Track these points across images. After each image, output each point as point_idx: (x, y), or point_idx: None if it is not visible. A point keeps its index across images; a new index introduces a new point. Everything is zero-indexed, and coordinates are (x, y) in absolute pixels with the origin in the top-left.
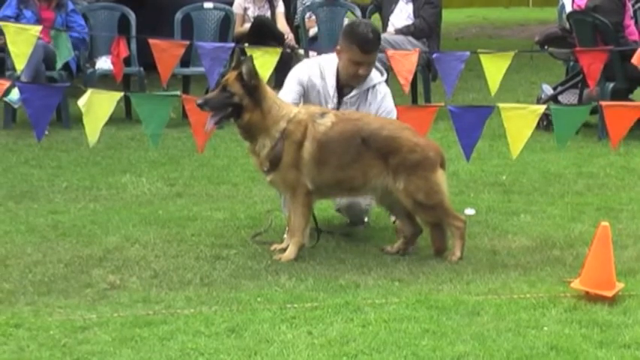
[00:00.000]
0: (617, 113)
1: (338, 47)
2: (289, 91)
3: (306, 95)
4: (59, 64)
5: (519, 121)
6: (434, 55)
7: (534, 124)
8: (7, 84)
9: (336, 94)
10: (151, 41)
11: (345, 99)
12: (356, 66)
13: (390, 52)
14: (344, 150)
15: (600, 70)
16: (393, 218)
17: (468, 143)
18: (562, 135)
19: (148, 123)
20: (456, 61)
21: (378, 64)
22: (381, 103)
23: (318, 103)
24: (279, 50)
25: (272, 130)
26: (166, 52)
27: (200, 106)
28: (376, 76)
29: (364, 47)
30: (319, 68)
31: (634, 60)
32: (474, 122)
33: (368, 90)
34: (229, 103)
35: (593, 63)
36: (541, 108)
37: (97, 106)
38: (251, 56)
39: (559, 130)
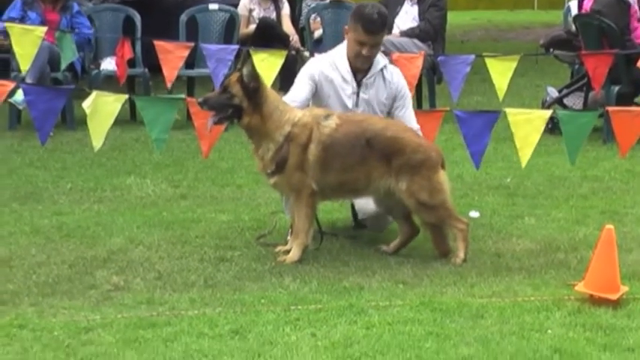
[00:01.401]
0: (625, 120)
1: (346, 27)
2: (301, 88)
3: (318, 90)
4: (63, 66)
5: (527, 127)
6: (439, 59)
7: (542, 129)
8: (11, 85)
9: (352, 78)
10: (156, 43)
11: (363, 80)
12: (360, 46)
13: (396, 55)
14: (348, 152)
15: (605, 73)
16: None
17: (477, 150)
18: (572, 145)
19: (153, 127)
20: (461, 64)
21: (381, 53)
22: (399, 81)
23: (333, 96)
24: (284, 52)
25: (275, 135)
26: (171, 53)
27: (200, 104)
28: (382, 59)
29: (368, 27)
30: (329, 61)
31: None
32: (481, 128)
33: (382, 70)
34: (229, 105)
35: (598, 66)
36: (548, 113)
37: (101, 109)
38: (251, 58)
39: (569, 140)
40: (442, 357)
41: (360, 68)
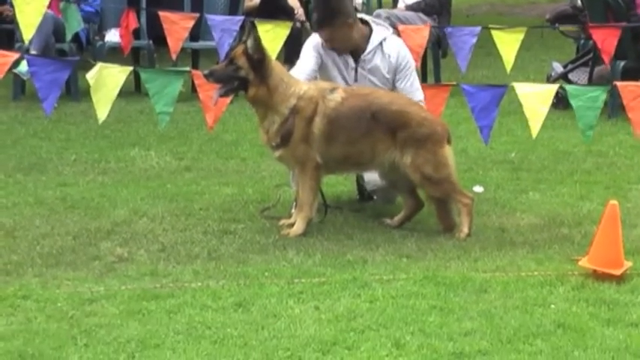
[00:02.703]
0: (636, 95)
1: None
2: (307, 60)
3: (323, 63)
4: (68, 36)
5: (535, 100)
6: (447, 30)
7: (550, 103)
8: (16, 56)
9: (350, 56)
10: (161, 14)
11: (362, 56)
12: (325, 42)
13: (401, 27)
14: (353, 125)
15: (614, 45)
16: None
17: (486, 124)
18: (586, 122)
19: (158, 99)
20: (467, 35)
21: (380, 22)
22: (399, 53)
23: (335, 69)
24: (289, 24)
25: (281, 107)
26: (176, 24)
27: (206, 77)
28: (382, 31)
29: (313, 27)
30: None
31: None
32: (488, 102)
33: (381, 43)
34: (235, 77)
35: (606, 39)
36: (555, 87)
37: (106, 81)
38: (256, 30)
39: (581, 116)
40: (445, 331)
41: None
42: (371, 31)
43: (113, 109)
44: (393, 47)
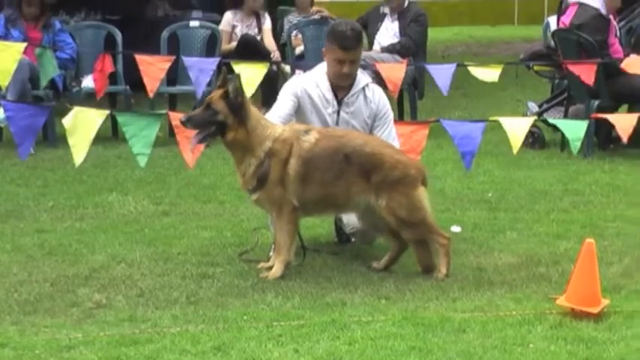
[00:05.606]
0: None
1: (323, 49)
2: (283, 104)
3: (301, 107)
4: (44, 81)
5: (514, 124)
6: (425, 65)
7: (527, 130)
8: None
9: (333, 97)
10: (137, 56)
11: (345, 99)
12: (340, 65)
13: (379, 64)
14: (327, 166)
15: (592, 77)
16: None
17: (468, 151)
18: (574, 137)
19: (135, 142)
20: (446, 70)
21: (361, 70)
22: (380, 100)
23: (315, 113)
24: (265, 66)
25: (257, 150)
26: (153, 65)
27: (183, 123)
28: (365, 77)
29: (343, 44)
30: (312, 78)
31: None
32: (470, 131)
33: (364, 88)
34: (213, 121)
35: (583, 72)
36: (533, 118)
37: (82, 125)
38: (238, 75)
39: (570, 134)
40: None
41: (343, 86)
42: (355, 74)
43: (90, 154)
44: (375, 94)
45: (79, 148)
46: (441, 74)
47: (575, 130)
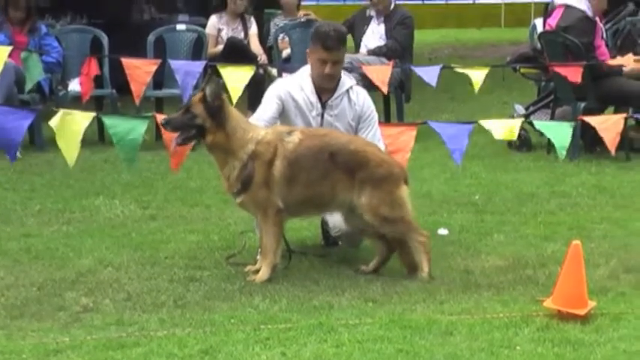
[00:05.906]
0: (604, 121)
1: (307, 50)
2: (267, 107)
3: (285, 110)
4: (29, 85)
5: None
6: (411, 67)
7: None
8: None
9: (317, 100)
10: (124, 60)
11: (329, 102)
12: (323, 65)
13: (365, 66)
14: (312, 165)
15: (579, 77)
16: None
17: (457, 148)
18: (561, 143)
19: (122, 146)
20: (432, 72)
21: (346, 73)
22: (364, 102)
23: (299, 116)
24: (252, 69)
25: (240, 153)
26: (139, 69)
27: (163, 125)
28: (349, 80)
29: (326, 44)
30: (296, 81)
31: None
32: (458, 131)
33: (348, 91)
34: (192, 125)
35: (570, 73)
36: (520, 120)
37: (69, 127)
38: (219, 79)
39: (557, 141)
40: None
41: (327, 88)
42: (339, 77)
43: (77, 158)
44: (359, 96)
45: (70, 150)
46: (428, 76)
47: (561, 136)
